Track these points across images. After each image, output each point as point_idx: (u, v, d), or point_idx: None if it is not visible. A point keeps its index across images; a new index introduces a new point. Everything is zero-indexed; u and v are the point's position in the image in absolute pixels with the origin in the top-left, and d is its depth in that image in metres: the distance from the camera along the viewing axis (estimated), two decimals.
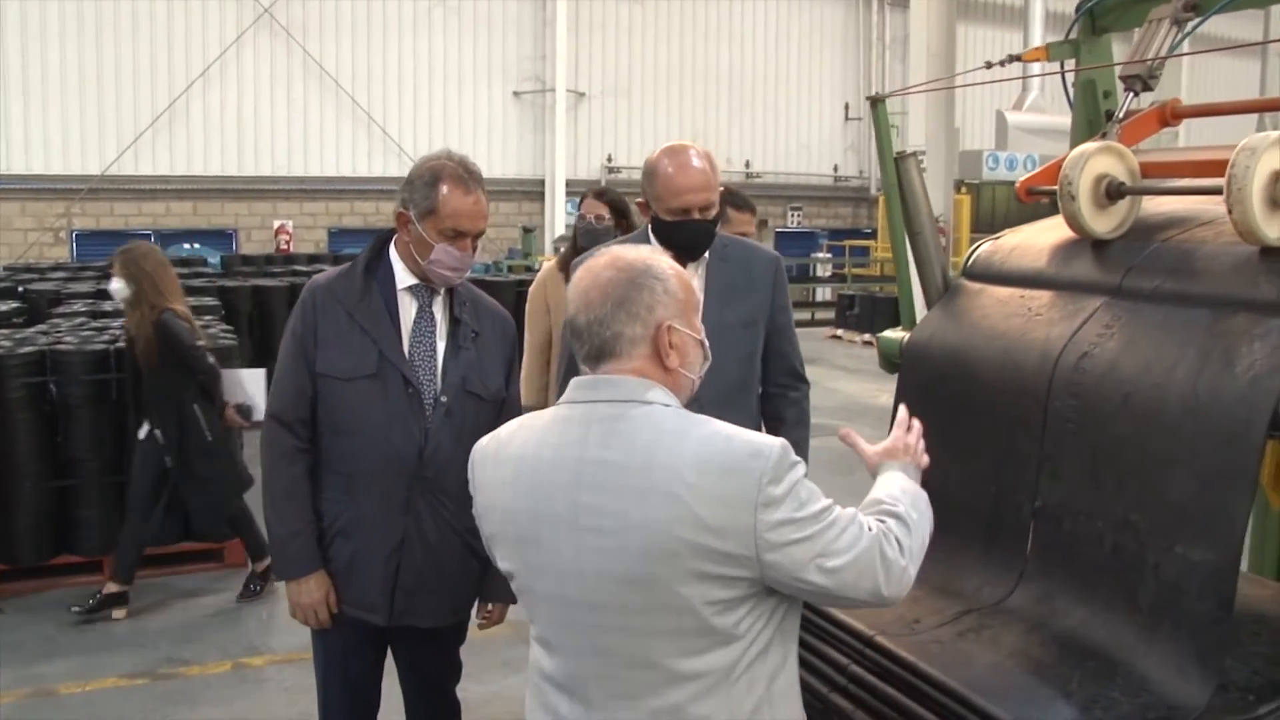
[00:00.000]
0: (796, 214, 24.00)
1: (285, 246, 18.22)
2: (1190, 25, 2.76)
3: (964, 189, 17.87)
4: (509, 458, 1.85)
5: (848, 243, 22.26)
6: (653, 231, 3.03)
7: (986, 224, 18.51)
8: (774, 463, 1.67)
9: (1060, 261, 2.60)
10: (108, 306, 8.43)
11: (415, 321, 2.83)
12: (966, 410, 2.53)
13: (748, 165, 22.76)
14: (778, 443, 1.71)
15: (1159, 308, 2.24)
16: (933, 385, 2.66)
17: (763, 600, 1.72)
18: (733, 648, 1.70)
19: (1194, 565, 1.90)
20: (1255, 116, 11.38)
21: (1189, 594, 1.90)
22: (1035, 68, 3.37)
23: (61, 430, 5.79)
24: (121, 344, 5.97)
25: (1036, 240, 2.76)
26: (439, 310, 2.86)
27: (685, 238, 2.95)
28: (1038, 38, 20.49)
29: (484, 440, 1.93)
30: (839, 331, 17.45)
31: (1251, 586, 2.60)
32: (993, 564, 2.32)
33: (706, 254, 3.05)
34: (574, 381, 1.83)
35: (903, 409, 2.03)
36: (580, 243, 4.17)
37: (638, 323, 1.78)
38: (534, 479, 1.80)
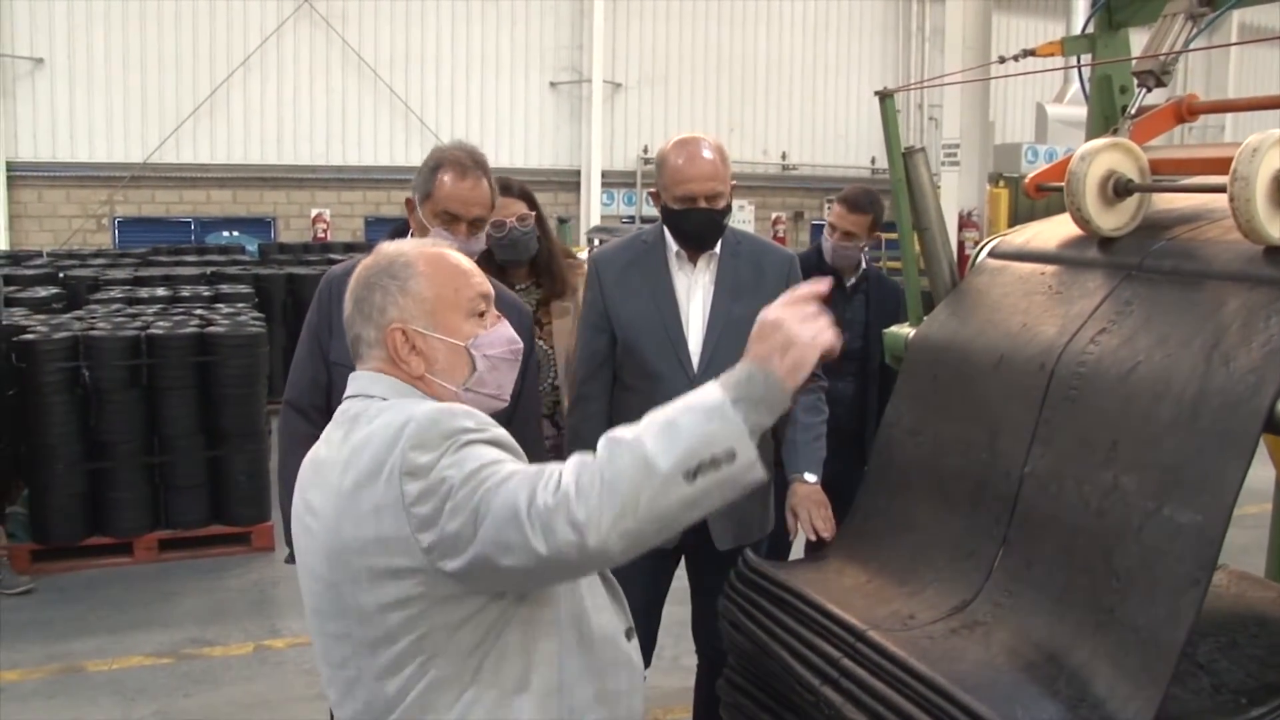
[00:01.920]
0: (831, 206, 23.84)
1: (323, 235, 18.36)
2: (1206, 20, 2.73)
3: (1002, 183, 17.68)
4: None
5: (884, 235, 22.07)
6: (663, 221, 3.06)
7: (1026, 218, 18.23)
8: (422, 425, 1.55)
9: (1075, 249, 2.58)
10: (144, 293, 8.57)
11: None
12: (969, 386, 2.51)
13: (784, 156, 22.64)
14: (440, 407, 1.61)
15: (1181, 286, 2.21)
16: (936, 370, 2.66)
17: (450, 602, 1.58)
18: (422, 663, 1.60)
19: (1180, 527, 1.86)
20: None
21: (1169, 555, 1.86)
22: (1063, 62, 3.35)
23: (94, 414, 5.90)
24: (154, 330, 6.08)
25: (1046, 235, 2.74)
26: None
27: (690, 225, 2.98)
28: (1079, 27, 20.19)
29: None
30: None
31: (1256, 589, 2.58)
32: (977, 530, 2.31)
33: (718, 249, 3.06)
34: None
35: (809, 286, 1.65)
36: (501, 257, 3.36)
37: (370, 325, 1.72)
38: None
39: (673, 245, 3.07)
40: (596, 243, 18.58)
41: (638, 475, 1.45)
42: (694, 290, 3.06)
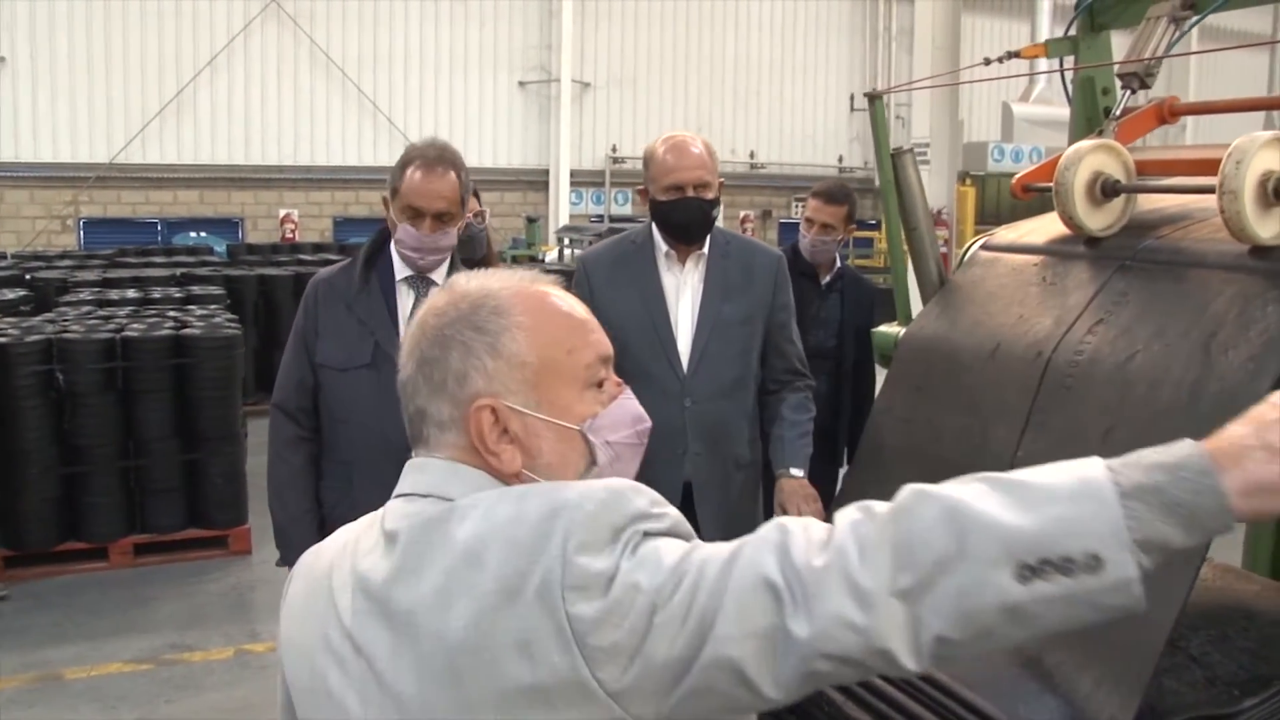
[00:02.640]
0: (801, 205, 23.96)
1: (291, 235, 18.24)
2: (1188, 24, 2.77)
3: (968, 181, 17.84)
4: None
5: (852, 233, 22.19)
6: (652, 218, 3.08)
7: (992, 216, 18.46)
8: (585, 514, 1.07)
9: (1068, 245, 2.61)
10: (114, 295, 8.49)
11: (412, 312, 2.88)
12: (964, 375, 2.53)
13: (752, 156, 22.72)
14: (600, 485, 1.11)
15: (1176, 278, 2.24)
16: (929, 359, 2.67)
17: None
18: None
19: None
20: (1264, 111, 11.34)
21: None
22: (1036, 64, 3.38)
23: (68, 417, 5.84)
24: (128, 333, 6.03)
25: (1038, 233, 2.77)
26: None
27: (681, 215, 3.00)
28: (1045, 29, 20.41)
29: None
30: None
31: (1241, 582, 2.62)
32: None
33: (707, 249, 3.08)
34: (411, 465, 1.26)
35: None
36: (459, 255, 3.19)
37: (443, 397, 1.19)
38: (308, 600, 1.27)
39: (661, 245, 3.08)
40: (566, 242, 18.59)
41: (946, 543, 1.00)
42: (683, 290, 3.08)
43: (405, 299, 2.91)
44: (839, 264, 4.23)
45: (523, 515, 1.09)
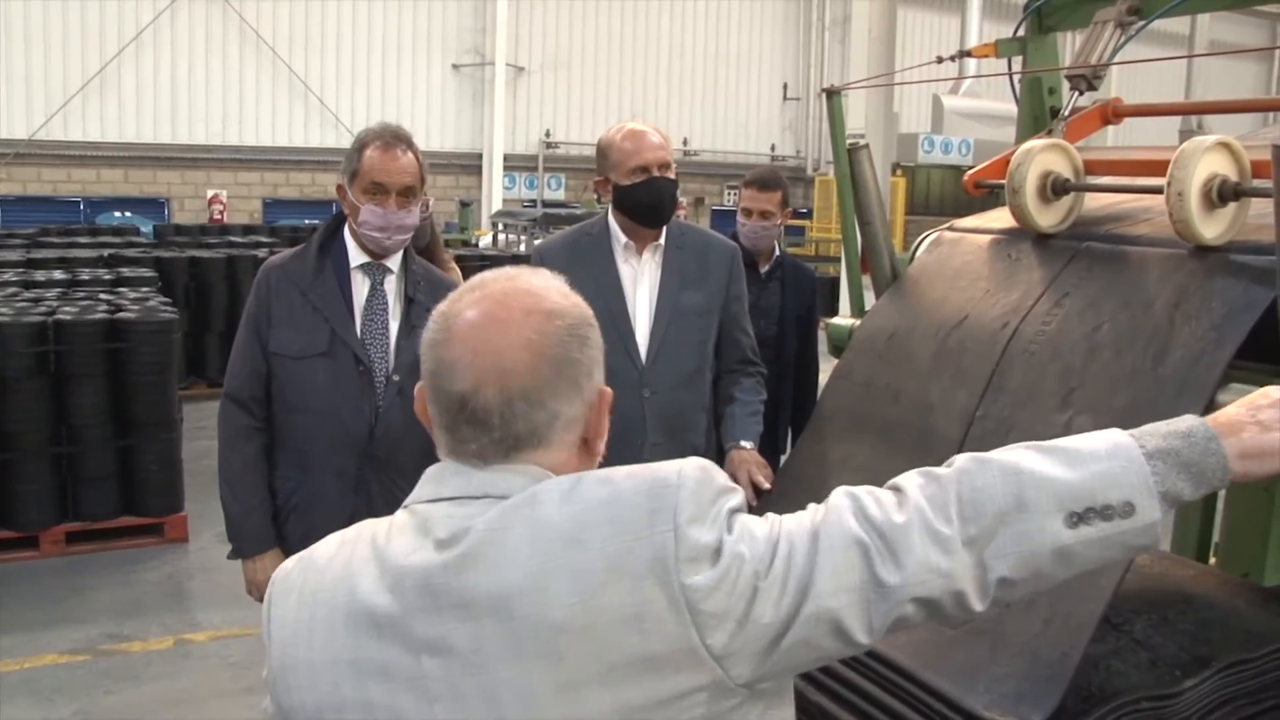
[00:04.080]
0: (733, 193, 24.13)
1: (219, 216, 17.91)
2: (1134, 28, 2.86)
3: (899, 172, 18.09)
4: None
5: (788, 219, 22.38)
6: (614, 204, 3.08)
7: (921, 207, 18.79)
8: (695, 486, 1.15)
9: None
10: (40, 276, 8.27)
11: (367, 300, 2.87)
12: (927, 346, 2.57)
13: (685, 143, 22.79)
14: (696, 461, 1.19)
15: (1140, 256, 2.31)
16: (892, 332, 2.72)
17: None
18: None
19: None
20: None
21: None
22: (974, 65, 3.46)
23: None
24: (60, 316, 5.89)
25: (993, 223, 2.84)
26: (391, 289, 2.90)
27: (650, 195, 3.01)
28: (975, 23, 20.76)
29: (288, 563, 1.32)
30: None
31: (1177, 567, 2.73)
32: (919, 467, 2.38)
33: (663, 240, 3.10)
34: (440, 473, 1.24)
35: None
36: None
37: (575, 394, 1.21)
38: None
39: (619, 237, 3.10)
40: (500, 227, 18.48)
41: (1006, 497, 1.17)
42: (640, 281, 3.09)
43: (360, 286, 2.88)
44: (778, 252, 4.28)
45: (620, 495, 1.14)
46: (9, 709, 4.18)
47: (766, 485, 2.79)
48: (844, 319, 3.01)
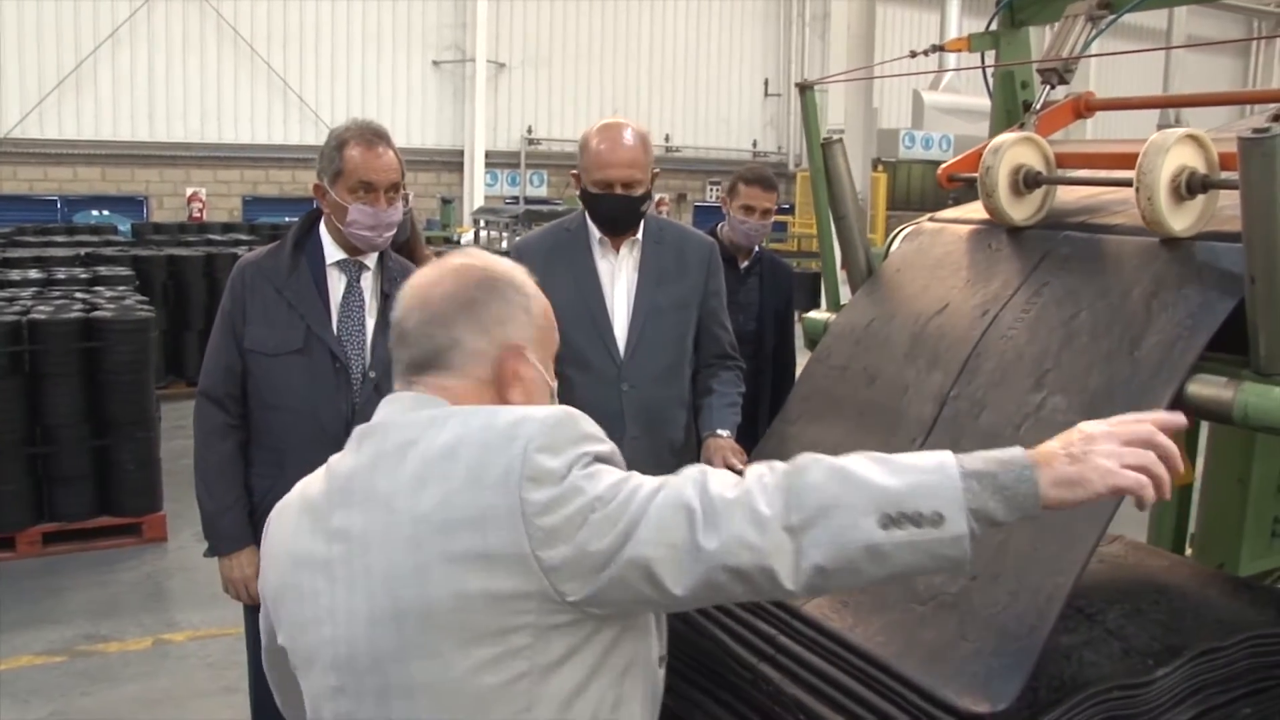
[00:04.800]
0: (715, 188, 24.17)
1: (198, 214, 17.80)
2: (1105, 22, 2.87)
3: (880, 167, 18.14)
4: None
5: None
6: (581, 202, 3.10)
7: (902, 202, 18.85)
8: (548, 424, 1.33)
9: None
10: (15, 275, 8.21)
11: (344, 297, 2.87)
12: (905, 332, 2.59)
13: (667, 139, 22.80)
14: (562, 408, 1.38)
15: (1117, 245, 2.33)
16: (870, 321, 2.73)
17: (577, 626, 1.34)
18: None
19: None
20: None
21: None
22: (952, 59, 3.48)
23: None
24: (35, 315, 5.85)
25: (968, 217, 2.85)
26: (368, 286, 2.89)
27: (605, 209, 3.03)
28: (954, 18, 20.83)
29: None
30: None
31: (1151, 558, 2.74)
32: (892, 448, 2.37)
33: (641, 235, 3.10)
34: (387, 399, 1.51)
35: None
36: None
37: (481, 333, 1.44)
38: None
39: (596, 232, 3.10)
40: (482, 224, 18.45)
41: (829, 493, 1.31)
42: (618, 276, 3.09)
43: (336, 283, 2.88)
44: (756, 248, 4.30)
45: (493, 423, 1.35)
46: None
47: (742, 469, 2.78)
48: (820, 314, 3.02)
